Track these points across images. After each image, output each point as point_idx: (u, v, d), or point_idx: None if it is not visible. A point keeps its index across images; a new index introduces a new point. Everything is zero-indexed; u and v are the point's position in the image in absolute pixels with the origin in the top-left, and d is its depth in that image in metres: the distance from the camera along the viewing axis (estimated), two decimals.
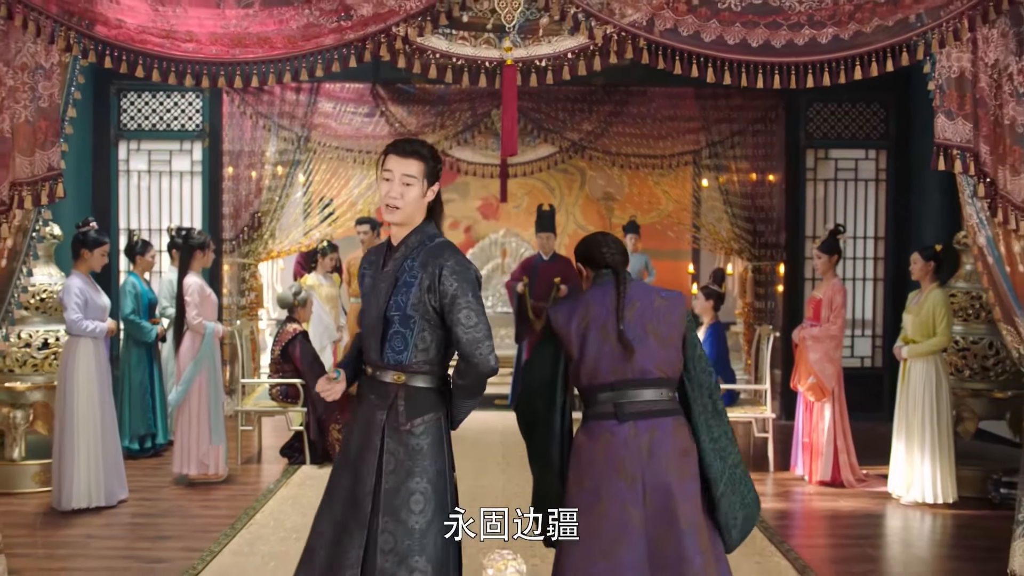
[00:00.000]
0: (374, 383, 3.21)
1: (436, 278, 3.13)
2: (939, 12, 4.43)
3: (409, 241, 3.24)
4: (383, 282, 3.22)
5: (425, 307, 3.13)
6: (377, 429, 3.15)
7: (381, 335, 3.18)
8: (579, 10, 4.40)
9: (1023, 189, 4.49)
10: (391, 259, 3.25)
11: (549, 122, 9.34)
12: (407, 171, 3.19)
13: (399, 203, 3.19)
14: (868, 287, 9.20)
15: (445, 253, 3.17)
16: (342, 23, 4.36)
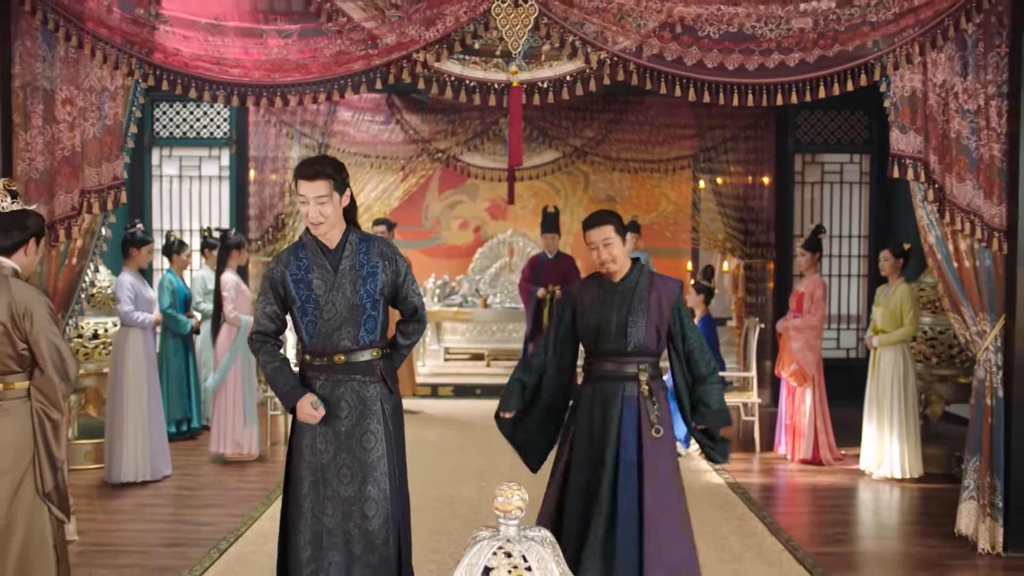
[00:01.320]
0: (351, 366, 3.66)
1: (394, 263, 3.72)
2: (893, 39, 5.05)
3: (351, 240, 3.71)
4: (345, 278, 3.64)
5: (387, 289, 3.70)
6: (374, 400, 3.66)
7: (356, 322, 3.64)
8: (576, 38, 5.03)
9: (967, 194, 5.11)
10: (342, 258, 3.67)
11: (553, 129, 9.97)
12: (318, 192, 3.58)
13: (321, 219, 3.60)
14: (853, 283, 9.81)
15: (387, 243, 3.80)
16: (369, 51, 4.99)
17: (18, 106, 5.02)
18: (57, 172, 5.03)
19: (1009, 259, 5.11)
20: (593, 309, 4.03)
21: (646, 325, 3.95)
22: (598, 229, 4.00)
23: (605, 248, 3.98)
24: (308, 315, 3.66)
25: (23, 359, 3.50)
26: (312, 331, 3.66)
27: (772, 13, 5.01)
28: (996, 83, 5.09)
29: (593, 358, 4.04)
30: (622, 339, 3.93)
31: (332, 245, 3.70)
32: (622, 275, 4.05)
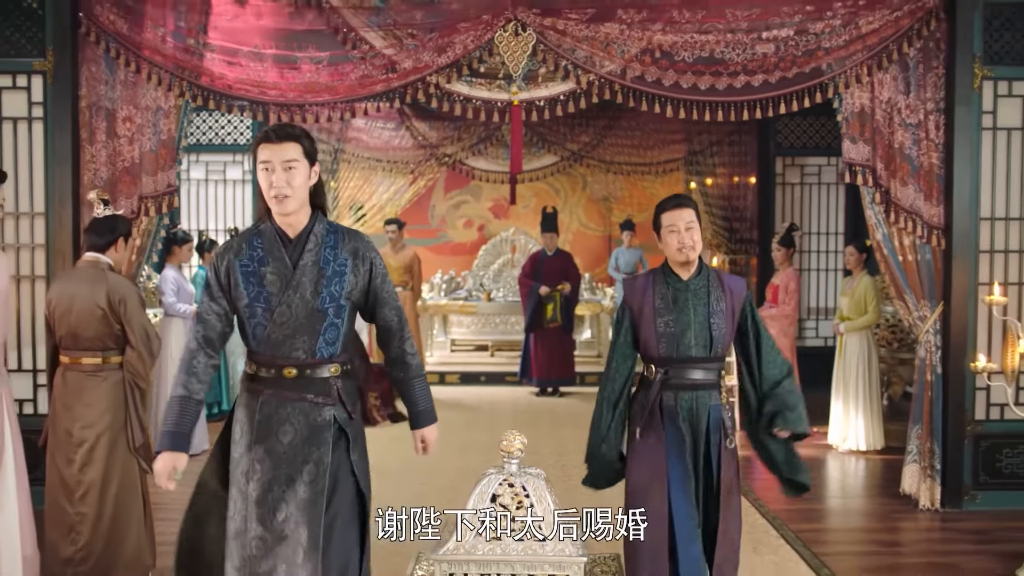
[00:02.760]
0: (303, 383, 3.09)
1: (367, 262, 3.14)
2: (844, 62, 5.81)
3: (317, 231, 3.12)
4: (306, 276, 3.06)
5: (356, 293, 3.13)
6: (326, 426, 3.09)
7: (313, 330, 3.06)
8: (568, 63, 5.79)
9: (909, 197, 5.87)
10: (304, 251, 3.09)
11: (552, 135, 10.73)
12: (287, 156, 3.02)
13: (288, 191, 3.01)
14: (830, 276, 10.56)
15: (361, 237, 3.18)
16: (389, 75, 5.76)
17: (85, 123, 5.78)
18: (119, 180, 5.80)
19: (946, 253, 5.87)
20: (667, 310, 3.65)
21: (728, 326, 3.65)
22: (680, 211, 3.63)
23: (688, 232, 3.61)
24: (257, 316, 3.07)
25: (118, 338, 4.28)
26: (260, 336, 3.07)
27: (738, 40, 5.77)
28: (934, 100, 5.84)
29: (668, 365, 3.64)
30: (706, 342, 3.62)
31: (293, 234, 3.11)
32: (693, 271, 3.69)
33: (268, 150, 3.02)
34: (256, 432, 3.10)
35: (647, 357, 3.74)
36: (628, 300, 3.78)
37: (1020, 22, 5.77)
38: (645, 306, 3.69)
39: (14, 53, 5.68)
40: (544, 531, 3.47)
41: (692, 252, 3.62)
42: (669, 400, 3.65)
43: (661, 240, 3.72)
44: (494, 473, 3.62)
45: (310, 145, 3.09)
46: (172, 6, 5.74)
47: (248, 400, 3.15)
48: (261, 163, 3.03)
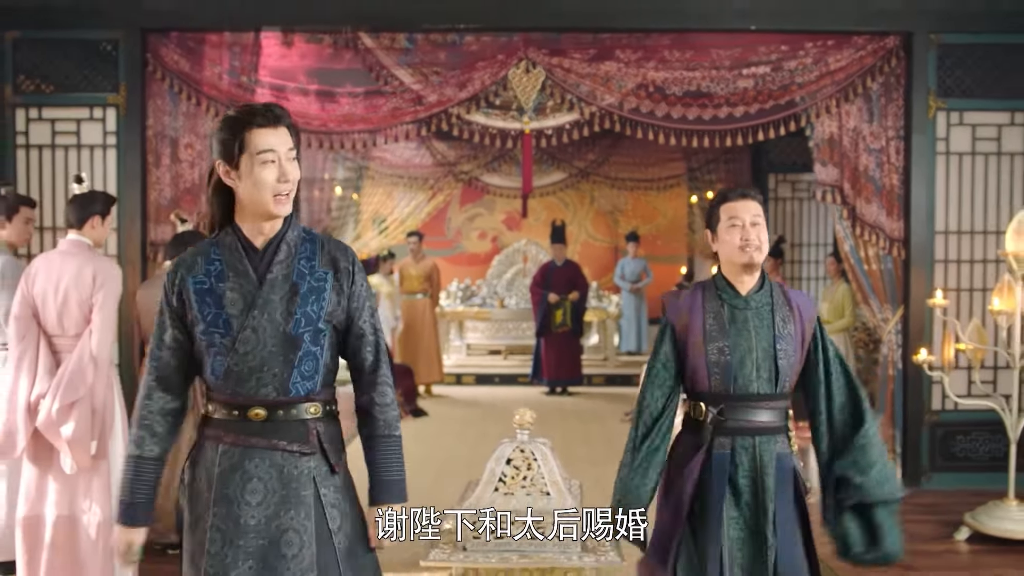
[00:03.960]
0: (274, 428, 2.45)
1: (349, 275, 2.53)
2: (815, 95, 6.63)
3: (288, 238, 2.49)
4: (275, 293, 2.44)
5: (339, 315, 2.52)
6: (304, 482, 2.46)
7: (287, 360, 2.43)
8: (573, 96, 6.63)
9: (873, 213, 6.67)
10: (274, 263, 2.46)
11: (560, 153, 11.56)
12: (289, 144, 2.47)
13: (293, 188, 2.48)
14: (819, 284, 11.34)
15: (344, 248, 2.57)
16: (417, 107, 6.60)
17: (151, 150, 6.63)
18: (181, 199, 6.65)
19: (905, 263, 6.66)
20: (721, 333, 2.95)
21: (797, 354, 2.98)
22: (745, 202, 2.98)
23: (753, 228, 2.94)
24: (215, 345, 2.44)
25: None
26: (220, 370, 2.44)
27: (722, 76, 6.59)
28: (895, 128, 6.64)
29: (723, 404, 2.94)
30: (771, 375, 2.92)
31: (261, 243, 2.48)
32: (754, 283, 3.00)
33: (268, 136, 2.40)
34: (215, 492, 2.42)
35: (695, 393, 3.01)
36: (671, 317, 3.05)
37: (969, 60, 6.57)
38: (693, 327, 2.97)
39: (92, 89, 6.54)
40: (549, 488, 4.28)
41: (757, 253, 2.92)
42: (723, 448, 2.93)
43: (716, 239, 3.03)
44: (508, 441, 4.44)
45: (298, 133, 2.54)
46: (227, 47, 6.60)
47: (205, 451, 2.48)
48: (261, 152, 2.39)
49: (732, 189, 3.13)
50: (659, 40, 6.55)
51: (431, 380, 10.84)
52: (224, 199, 2.53)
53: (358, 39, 6.56)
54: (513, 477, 4.31)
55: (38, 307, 4.35)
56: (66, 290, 4.32)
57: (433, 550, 4.27)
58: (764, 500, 2.95)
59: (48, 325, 4.36)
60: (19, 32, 6.45)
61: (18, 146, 6.51)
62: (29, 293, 4.36)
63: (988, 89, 6.56)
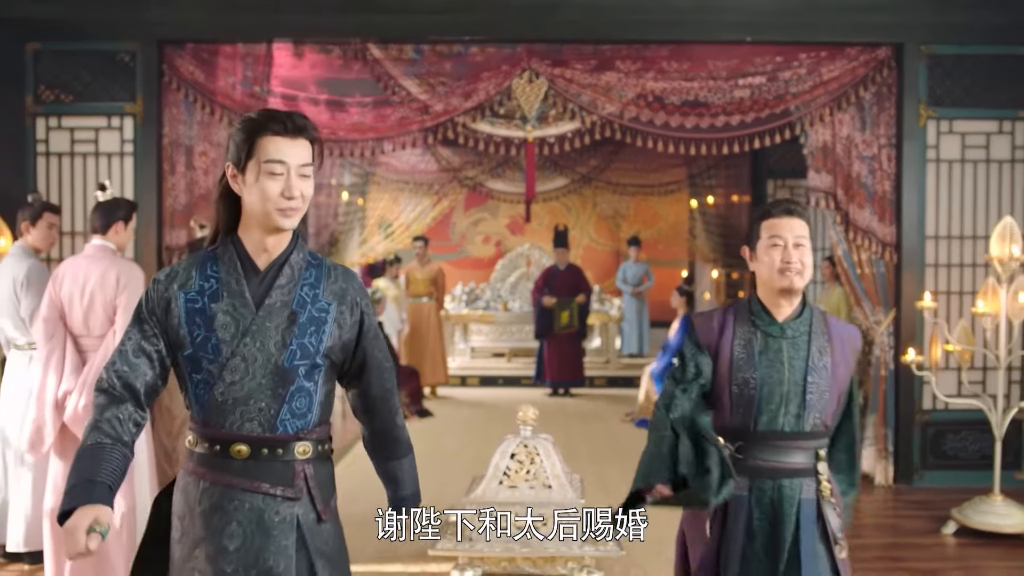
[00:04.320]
0: (257, 468, 2.26)
1: (355, 308, 2.37)
2: (809, 104, 6.84)
3: (293, 261, 2.33)
4: (271, 320, 2.27)
5: (338, 351, 2.36)
6: (286, 529, 2.27)
7: (277, 395, 2.26)
8: (575, 105, 6.85)
9: (865, 219, 6.88)
10: (274, 287, 2.29)
11: (563, 160, 11.76)
12: (305, 159, 2.29)
13: (299, 204, 2.29)
14: (818, 288, 11.54)
15: (352, 277, 2.41)
16: (423, 116, 6.83)
17: (167, 157, 6.86)
18: (195, 205, 6.87)
19: (897, 267, 6.87)
20: (749, 363, 2.71)
21: (831, 391, 2.72)
22: (789, 220, 2.68)
23: (796, 250, 2.66)
24: (202, 371, 2.27)
25: None
26: (205, 398, 2.27)
27: (719, 86, 6.81)
28: (886, 136, 6.85)
29: (743, 440, 2.72)
30: (799, 412, 2.69)
31: (264, 263, 2.32)
32: (793, 309, 2.73)
33: (282, 146, 2.24)
34: (196, 531, 2.27)
35: (715, 426, 2.73)
36: (703, 338, 2.80)
37: (958, 71, 6.78)
38: (721, 354, 2.74)
39: (110, 99, 6.77)
40: (551, 481, 4.49)
41: (799, 278, 2.65)
42: (740, 490, 2.69)
43: (754, 258, 2.76)
44: (512, 437, 4.65)
45: (320, 144, 2.37)
46: (240, 58, 6.83)
47: (187, 486, 2.31)
48: (269, 162, 2.23)
49: (777, 203, 2.76)
50: (658, 51, 6.77)
51: (436, 382, 11.05)
52: (231, 205, 2.35)
53: (367, 50, 6.79)
54: (517, 471, 4.52)
55: (65, 309, 4.57)
56: (92, 292, 4.54)
57: (440, 540, 4.49)
58: (780, 551, 2.67)
59: (74, 326, 4.58)
60: (40, 44, 6.69)
61: (39, 154, 6.74)
62: (56, 296, 4.58)
63: (977, 99, 6.77)
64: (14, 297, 5.05)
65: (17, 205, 5.55)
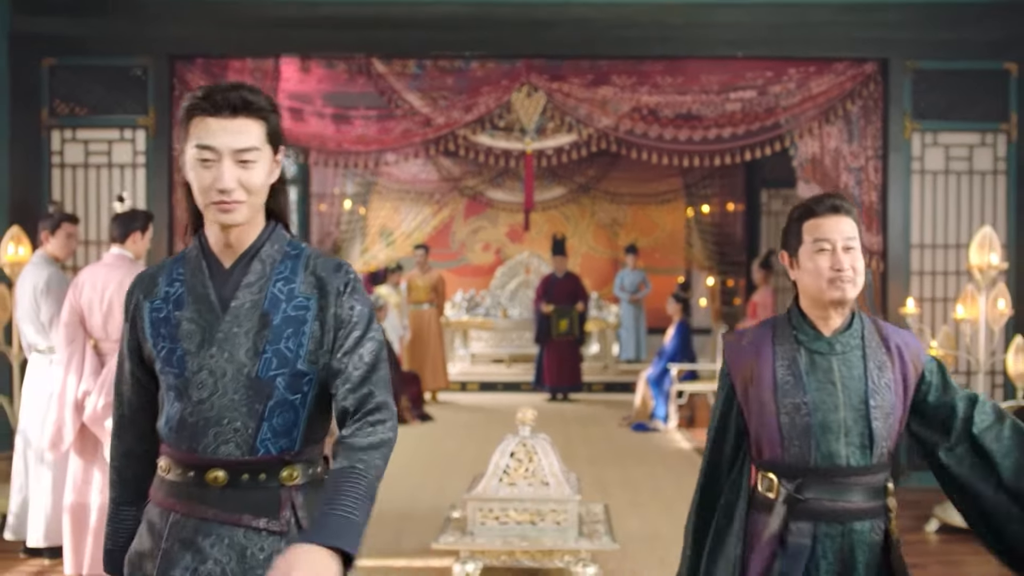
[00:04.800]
0: (235, 497, 1.94)
1: (336, 298, 1.96)
2: (799, 118, 7.09)
3: (264, 254, 1.98)
4: (240, 324, 1.94)
5: (325, 352, 1.97)
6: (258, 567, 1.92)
7: (253, 411, 1.93)
8: (572, 118, 7.10)
9: None
10: (242, 285, 1.96)
11: (561, 170, 12.02)
12: (242, 143, 1.89)
13: (241, 195, 1.90)
14: None
15: (332, 262, 2.03)
16: (426, 129, 7.08)
17: (178, 168, 7.08)
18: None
19: (884, 275, 7.10)
20: (797, 386, 2.32)
21: (897, 412, 2.34)
22: (836, 219, 2.30)
23: (847, 255, 2.28)
24: (171, 388, 1.98)
25: None
26: (173, 419, 1.98)
27: (711, 100, 7.06)
28: (873, 148, 7.09)
29: (801, 478, 2.32)
30: (865, 443, 2.29)
31: (231, 258, 1.99)
32: (842, 320, 2.35)
33: (213, 129, 1.88)
34: (160, 572, 1.95)
35: (763, 463, 2.38)
36: (732, 370, 2.43)
37: (942, 85, 7.02)
38: (761, 378, 2.35)
39: (122, 112, 7.01)
40: (548, 478, 4.72)
41: (851, 287, 2.26)
42: (801, 537, 2.30)
43: (796, 265, 2.36)
44: (511, 436, 4.88)
45: (276, 121, 1.98)
46: (249, 73, 7.08)
47: (153, 520, 2.00)
48: (198, 148, 1.89)
49: (820, 200, 2.36)
50: (652, 66, 7.02)
51: (437, 387, 11.28)
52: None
53: (371, 65, 7.04)
54: (516, 469, 4.75)
55: (85, 314, 4.80)
56: (110, 299, 4.77)
57: (442, 534, 4.72)
58: None
59: (94, 330, 4.81)
60: (55, 59, 6.93)
61: (54, 165, 6.98)
62: (77, 302, 4.81)
63: (960, 112, 7.02)
64: (35, 304, 5.28)
65: (34, 215, 5.78)
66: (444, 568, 4.96)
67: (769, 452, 2.38)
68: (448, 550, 4.74)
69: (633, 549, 5.41)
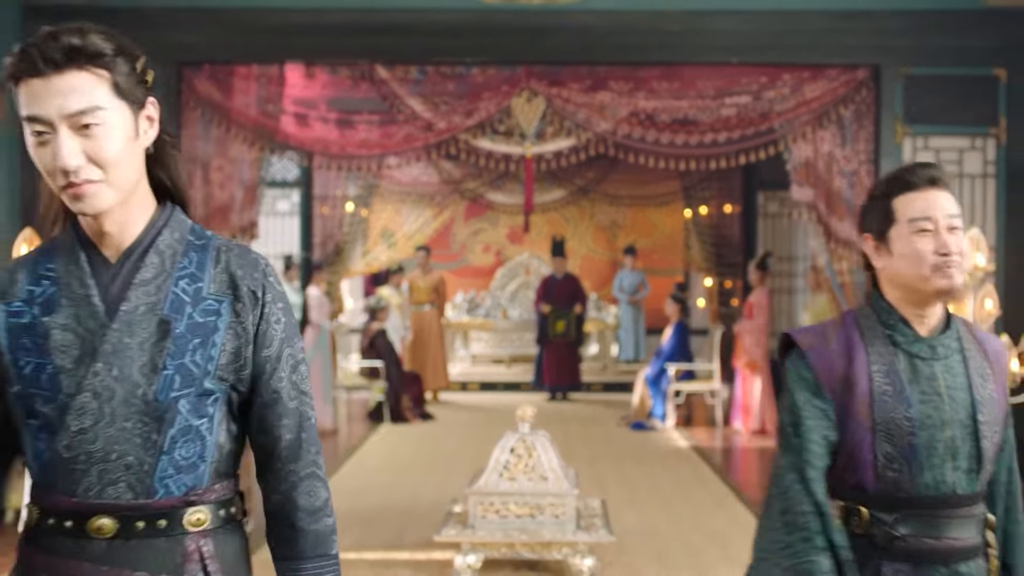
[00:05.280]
0: (129, 551, 1.52)
1: (257, 304, 1.58)
2: (792, 123, 7.25)
3: (163, 243, 1.56)
4: (133, 333, 1.51)
5: (240, 366, 1.57)
6: None
7: (149, 441, 1.51)
8: (571, 123, 7.26)
9: (846, 230, 7.27)
10: (133, 283, 1.53)
11: (561, 172, 12.14)
12: (77, 104, 1.46)
13: (93, 175, 1.47)
14: (806, 296, 11.94)
15: (249, 256, 1.61)
16: (427, 133, 7.23)
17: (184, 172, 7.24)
18: (212, 217, 7.26)
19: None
20: (900, 397, 1.91)
21: (1000, 426, 1.98)
22: (935, 194, 1.92)
23: (952, 236, 1.90)
24: (37, 415, 1.53)
25: None
26: (45, 455, 1.53)
27: (707, 105, 7.22)
28: (865, 152, 7.25)
29: (901, 511, 1.91)
30: (973, 466, 1.92)
31: (116, 251, 1.57)
32: (938, 320, 1.97)
33: (38, 93, 1.47)
34: None
35: (848, 492, 1.97)
36: (823, 378, 1.96)
37: (933, 90, 7.17)
38: (855, 390, 1.92)
39: None
40: (547, 473, 4.87)
41: (959, 273, 1.89)
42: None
43: (884, 250, 1.99)
44: (511, 433, 5.03)
45: (128, 65, 1.54)
46: (255, 79, 7.24)
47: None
48: (27, 120, 1.49)
49: (913, 170, 1.96)
50: (649, 72, 7.18)
51: (438, 387, 11.43)
52: None
53: (374, 71, 7.20)
54: (516, 464, 4.91)
55: None
56: None
57: (444, 528, 4.87)
58: None
59: None
60: None
61: None
62: None
63: (950, 117, 7.17)
64: None
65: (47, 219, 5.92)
66: (446, 560, 5.12)
67: (857, 476, 1.94)
68: (450, 542, 4.89)
69: (630, 543, 5.57)
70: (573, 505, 4.88)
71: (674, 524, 6.17)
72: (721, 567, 5.26)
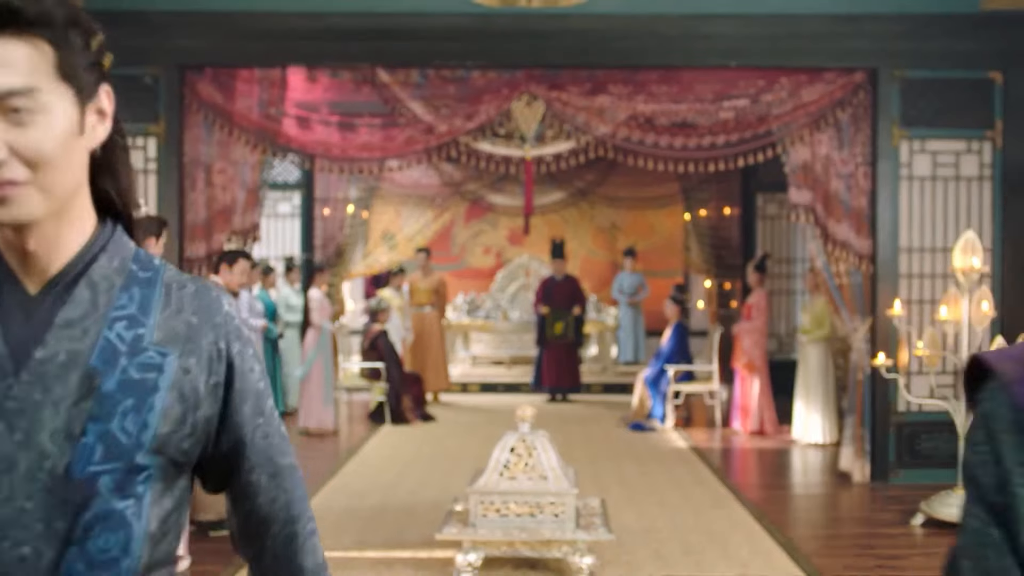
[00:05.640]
0: None
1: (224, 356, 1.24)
2: (790, 125, 7.31)
3: (96, 274, 1.20)
4: (43, 390, 1.14)
5: (185, 440, 1.23)
6: None
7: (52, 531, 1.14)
8: (571, 126, 7.32)
9: (843, 232, 7.34)
10: (55, 325, 1.16)
11: (561, 174, 12.22)
12: (6, 83, 1.10)
13: (17, 174, 1.11)
14: (804, 298, 11.99)
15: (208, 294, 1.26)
16: (428, 136, 7.30)
17: (187, 175, 7.32)
18: (215, 219, 7.33)
19: (872, 277, 7.32)
20: None
21: None
22: None
23: None
24: None
25: None
26: None
27: (705, 108, 7.28)
28: (862, 155, 7.31)
29: None
30: None
31: (39, 278, 1.19)
32: None
33: None
34: None
35: None
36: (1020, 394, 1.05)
37: (930, 94, 7.24)
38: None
39: (134, 120, 7.21)
40: (547, 472, 4.93)
41: None
42: None
43: None
44: (511, 433, 5.10)
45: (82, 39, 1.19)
46: (257, 82, 7.30)
47: None
48: None
49: None
50: (648, 76, 7.25)
51: (439, 388, 11.49)
52: None
53: (376, 75, 7.26)
54: (516, 463, 4.97)
55: None
56: None
57: (445, 526, 4.93)
58: None
59: None
60: None
61: None
62: None
63: (947, 120, 7.23)
64: None
65: None
66: (447, 558, 5.17)
67: None
68: (451, 541, 4.95)
69: (629, 541, 5.63)
70: (573, 504, 4.94)
71: (673, 523, 6.22)
72: (719, 566, 5.32)
